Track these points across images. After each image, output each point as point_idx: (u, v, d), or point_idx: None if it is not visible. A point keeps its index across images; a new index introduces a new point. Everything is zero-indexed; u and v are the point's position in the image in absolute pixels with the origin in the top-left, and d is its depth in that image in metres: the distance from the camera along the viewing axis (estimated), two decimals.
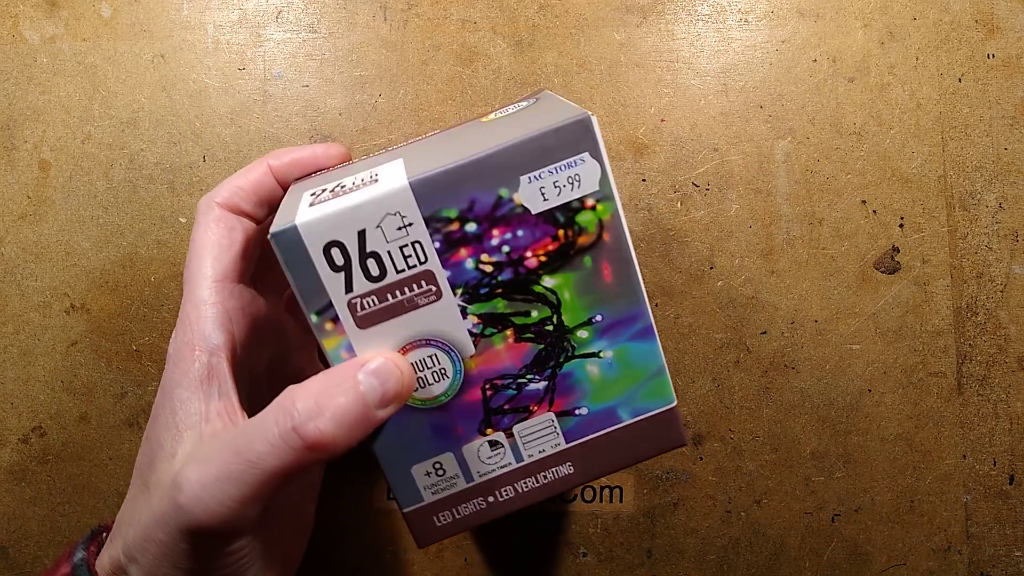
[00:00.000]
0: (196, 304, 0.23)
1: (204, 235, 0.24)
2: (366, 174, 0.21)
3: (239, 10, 0.34)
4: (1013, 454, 0.33)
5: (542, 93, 0.24)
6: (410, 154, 0.22)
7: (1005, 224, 0.33)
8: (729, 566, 0.33)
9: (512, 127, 0.20)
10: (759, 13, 0.34)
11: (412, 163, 0.20)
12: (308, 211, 0.19)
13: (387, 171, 0.20)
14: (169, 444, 0.22)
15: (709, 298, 0.33)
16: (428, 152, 0.21)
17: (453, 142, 0.21)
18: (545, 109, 0.21)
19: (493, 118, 0.23)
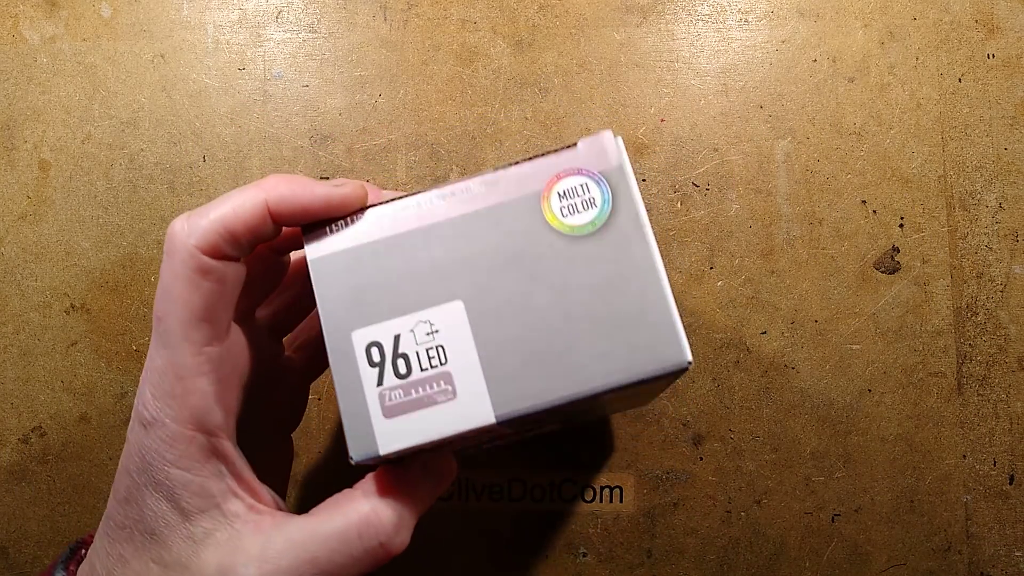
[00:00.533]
0: (181, 374, 0.20)
1: (184, 291, 0.20)
2: (425, 336, 0.21)
3: (239, 10, 0.34)
4: (1013, 454, 0.33)
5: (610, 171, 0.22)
6: (472, 300, 0.21)
7: (1005, 224, 0.33)
8: (729, 566, 0.33)
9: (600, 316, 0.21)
10: (759, 13, 0.34)
11: (485, 345, 0.21)
12: (384, 425, 0.21)
13: (454, 346, 0.21)
14: (178, 522, 0.20)
15: (709, 298, 0.33)
16: (500, 324, 0.21)
17: (530, 313, 0.21)
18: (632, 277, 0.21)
19: (561, 225, 0.22)
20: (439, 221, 0.21)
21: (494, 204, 0.21)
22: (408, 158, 0.34)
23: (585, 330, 0.21)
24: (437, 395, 0.21)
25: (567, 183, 0.21)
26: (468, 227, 0.21)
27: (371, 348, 0.21)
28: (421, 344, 0.21)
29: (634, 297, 0.21)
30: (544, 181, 0.21)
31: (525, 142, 0.34)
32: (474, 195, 0.21)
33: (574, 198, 0.21)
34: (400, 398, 0.21)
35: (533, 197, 0.21)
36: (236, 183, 0.33)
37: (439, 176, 0.34)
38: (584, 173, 0.22)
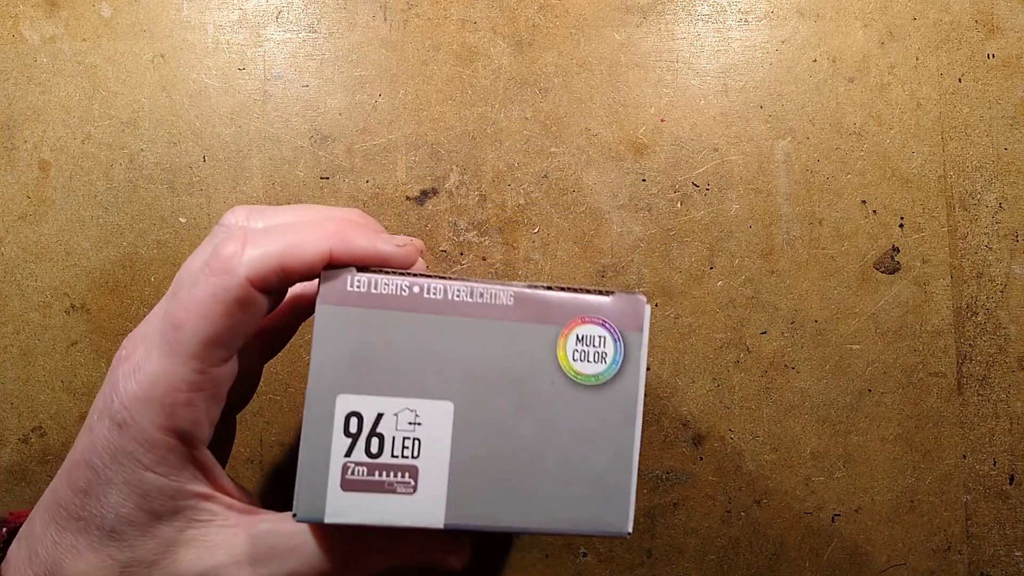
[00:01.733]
0: (178, 387, 0.19)
1: (218, 314, 0.19)
2: (407, 424, 0.21)
3: (239, 10, 0.34)
4: (1013, 454, 0.33)
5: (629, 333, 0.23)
6: (462, 407, 0.21)
7: (1005, 224, 0.33)
8: (729, 566, 0.33)
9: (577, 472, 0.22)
10: (759, 13, 0.34)
11: (459, 454, 0.21)
12: (338, 495, 0.21)
13: (431, 444, 0.21)
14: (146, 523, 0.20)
15: (709, 298, 0.33)
16: (479, 462, 0.21)
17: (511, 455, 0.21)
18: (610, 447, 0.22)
19: (569, 368, 0.22)
20: (460, 317, 0.21)
21: (516, 321, 0.22)
22: (408, 158, 0.34)
23: (552, 473, 0.21)
24: (398, 485, 0.21)
25: (588, 329, 0.22)
26: (485, 334, 0.21)
27: (351, 417, 0.21)
28: (400, 431, 0.21)
29: (603, 459, 0.22)
30: (568, 318, 0.22)
31: (525, 142, 0.34)
32: (502, 306, 0.22)
33: (589, 346, 0.22)
34: (362, 475, 0.21)
35: (553, 330, 0.22)
36: (236, 183, 0.34)
37: (439, 176, 0.34)
38: (607, 327, 0.22)
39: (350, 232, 0.21)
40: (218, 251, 0.20)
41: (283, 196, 0.34)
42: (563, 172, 0.34)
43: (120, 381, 0.20)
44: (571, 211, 0.34)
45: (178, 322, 0.19)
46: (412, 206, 0.34)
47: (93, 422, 0.20)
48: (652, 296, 0.33)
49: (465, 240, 0.34)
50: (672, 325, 0.33)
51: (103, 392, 0.20)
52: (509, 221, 0.34)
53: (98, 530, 0.20)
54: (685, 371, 0.33)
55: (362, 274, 0.21)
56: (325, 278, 0.21)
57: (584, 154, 0.34)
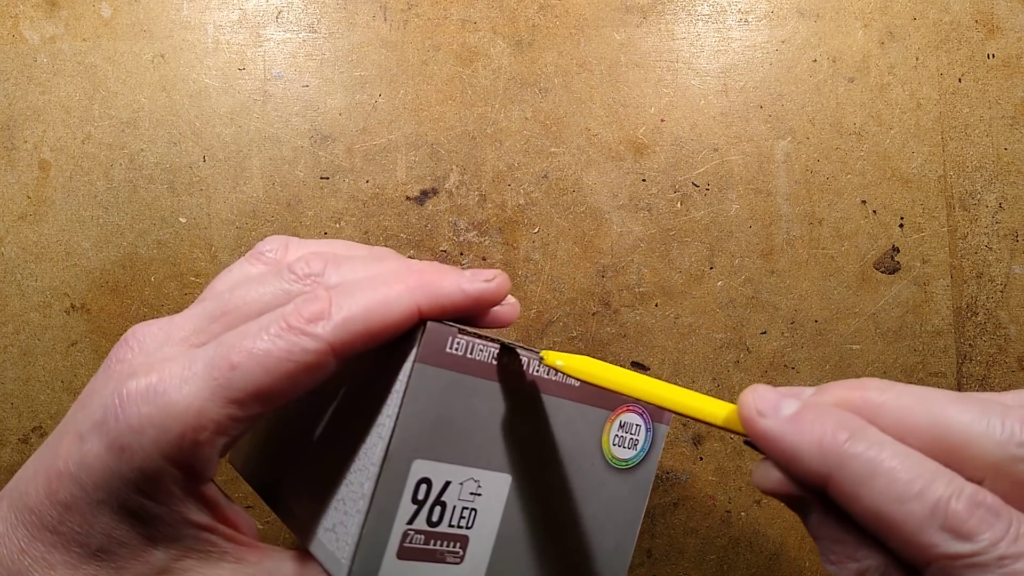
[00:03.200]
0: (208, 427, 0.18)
1: (286, 373, 0.18)
2: (469, 495, 0.21)
3: (239, 10, 0.34)
4: None
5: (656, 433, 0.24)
6: (518, 480, 0.21)
7: (1005, 224, 0.33)
8: (729, 566, 0.33)
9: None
10: (759, 13, 0.34)
11: (506, 526, 0.21)
12: (392, 563, 0.20)
13: (485, 515, 0.21)
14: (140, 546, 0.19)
15: (709, 298, 0.33)
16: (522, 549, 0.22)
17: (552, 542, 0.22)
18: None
19: (608, 451, 0.23)
20: (534, 391, 0.21)
21: (579, 401, 0.22)
22: (408, 158, 0.34)
23: (574, 546, 0.22)
24: (448, 555, 0.20)
25: (630, 418, 0.23)
26: (551, 412, 0.22)
27: (421, 484, 0.20)
28: (462, 500, 0.20)
29: (614, 536, 0.23)
30: (617, 404, 0.23)
31: (525, 142, 0.34)
32: (570, 385, 0.22)
33: (627, 433, 0.23)
34: (419, 543, 0.20)
35: (604, 415, 0.23)
36: (236, 183, 0.33)
37: (439, 176, 0.34)
38: (644, 417, 0.23)
39: (435, 279, 0.19)
40: (302, 309, 0.18)
41: (283, 196, 0.34)
42: (563, 172, 0.34)
43: (133, 399, 0.18)
44: (571, 211, 0.34)
45: (236, 363, 0.18)
46: (412, 206, 0.34)
47: (85, 431, 0.18)
48: (652, 296, 0.33)
49: (465, 240, 0.34)
50: (672, 325, 0.33)
51: (101, 399, 0.18)
52: (509, 221, 0.34)
53: (80, 548, 0.18)
54: (685, 371, 0.33)
55: (463, 337, 0.20)
56: (428, 335, 0.19)
57: (584, 154, 0.34)
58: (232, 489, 0.33)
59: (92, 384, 0.19)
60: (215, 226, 0.33)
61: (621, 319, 0.33)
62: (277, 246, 0.22)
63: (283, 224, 0.33)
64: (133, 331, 0.20)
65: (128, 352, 0.19)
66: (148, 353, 0.19)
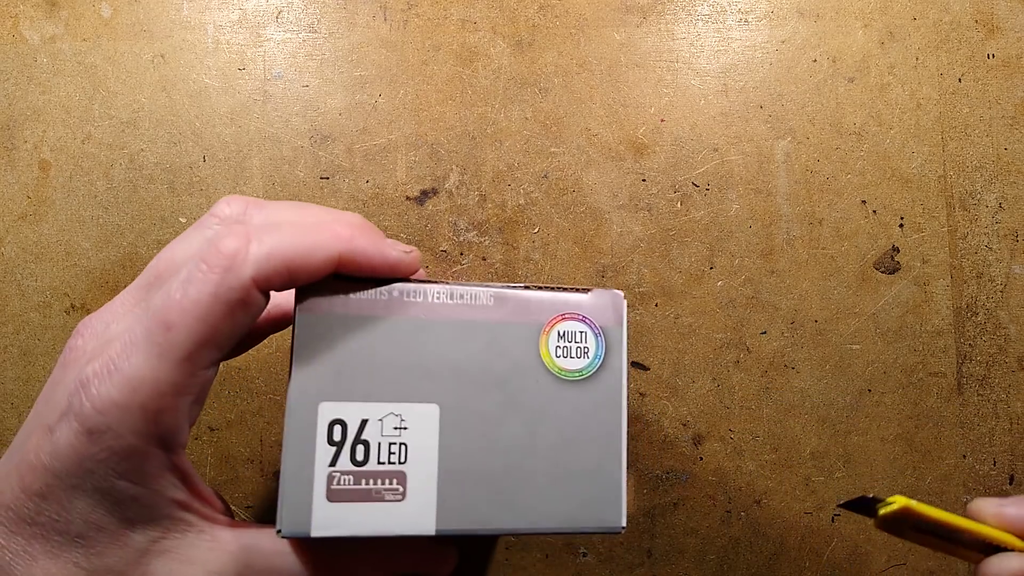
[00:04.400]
0: (164, 391, 0.18)
1: (217, 315, 0.18)
2: (392, 429, 0.21)
3: (239, 10, 0.34)
4: (1013, 454, 0.33)
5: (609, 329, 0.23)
6: (448, 409, 0.21)
7: (1005, 224, 0.33)
8: (729, 566, 0.33)
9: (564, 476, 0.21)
10: (759, 13, 0.34)
11: (447, 456, 0.21)
12: (324, 507, 0.20)
13: (418, 449, 0.21)
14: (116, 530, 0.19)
15: (709, 298, 0.33)
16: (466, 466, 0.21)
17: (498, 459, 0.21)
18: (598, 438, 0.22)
19: (552, 364, 0.22)
20: (441, 320, 0.21)
21: (497, 321, 0.21)
22: (408, 158, 0.34)
23: (541, 470, 0.21)
24: (386, 492, 0.20)
25: (569, 326, 0.22)
26: (466, 335, 0.21)
27: (335, 425, 0.20)
28: (386, 436, 0.20)
29: (593, 454, 0.21)
30: (548, 316, 0.22)
31: (525, 142, 0.34)
32: (482, 306, 0.21)
33: (571, 342, 0.22)
34: (348, 484, 0.20)
35: (535, 327, 0.22)
36: (236, 183, 0.34)
37: (439, 176, 0.34)
38: (587, 322, 0.22)
39: (359, 236, 0.20)
40: (219, 245, 0.18)
41: (283, 196, 0.34)
42: (563, 172, 0.34)
43: (92, 382, 0.18)
44: (571, 211, 0.34)
45: (169, 322, 0.18)
46: (412, 206, 0.34)
47: (52, 423, 0.18)
48: (652, 296, 0.33)
49: (465, 240, 0.34)
50: (672, 325, 0.33)
51: (64, 388, 0.18)
52: (509, 221, 0.34)
53: (60, 535, 0.18)
54: (685, 371, 0.33)
55: (341, 282, 0.20)
56: (302, 289, 0.20)
57: (584, 154, 0.34)
58: (230, 490, 0.33)
59: (51, 379, 0.20)
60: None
61: None
62: (237, 207, 0.22)
63: None
64: (83, 322, 0.20)
65: (79, 340, 0.19)
66: (98, 336, 0.19)
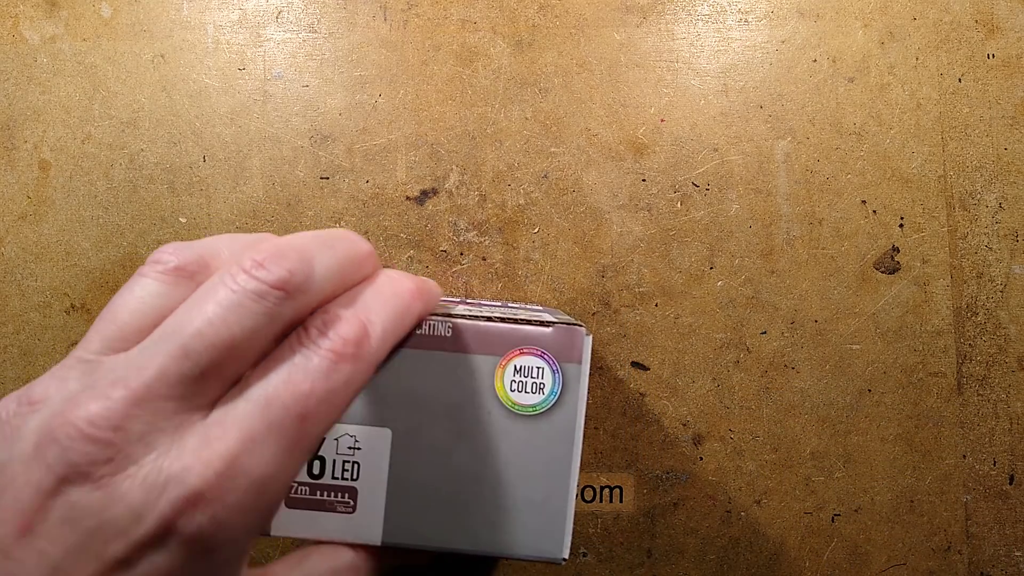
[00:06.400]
0: (288, 485, 0.17)
1: (348, 402, 0.18)
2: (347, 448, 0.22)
3: (239, 10, 0.34)
4: (1013, 454, 0.33)
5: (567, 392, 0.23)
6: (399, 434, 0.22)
7: (1005, 224, 0.33)
8: (729, 566, 0.33)
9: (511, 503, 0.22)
10: (759, 13, 0.34)
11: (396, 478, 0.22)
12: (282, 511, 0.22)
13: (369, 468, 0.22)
14: None
15: (709, 298, 0.33)
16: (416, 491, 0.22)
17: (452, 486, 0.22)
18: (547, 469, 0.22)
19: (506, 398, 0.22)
20: (401, 348, 0.22)
21: (454, 351, 0.22)
22: (408, 158, 0.34)
23: (488, 497, 0.22)
24: (338, 504, 0.22)
25: (526, 361, 0.22)
26: (422, 365, 0.22)
27: None
28: (340, 455, 0.22)
29: (541, 486, 0.22)
30: (506, 349, 0.22)
31: (525, 142, 0.34)
32: (439, 337, 0.22)
33: (527, 377, 0.22)
34: (305, 494, 0.22)
35: (491, 361, 0.22)
36: (236, 183, 0.33)
37: (439, 176, 0.34)
38: (546, 358, 0.22)
39: (428, 287, 0.21)
40: (342, 332, 0.17)
41: (283, 196, 0.34)
42: (563, 172, 0.34)
43: (207, 493, 0.14)
44: (571, 211, 0.34)
45: (306, 412, 0.16)
46: (412, 206, 0.34)
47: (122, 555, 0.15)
48: (652, 296, 0.33)
49: (465, 240, 0.34)
50: (672, 325, 0.33)
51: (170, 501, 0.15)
52: (509, 221, 0.34)
53: None
54: (685, 371, 0.33)
55: None
56: None
57: (584, 154, 0.34)
58: None
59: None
60: (215, 226, 0.33)
61: (621, 319, 0.33)
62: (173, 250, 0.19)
63: (283, 224, 0.33)
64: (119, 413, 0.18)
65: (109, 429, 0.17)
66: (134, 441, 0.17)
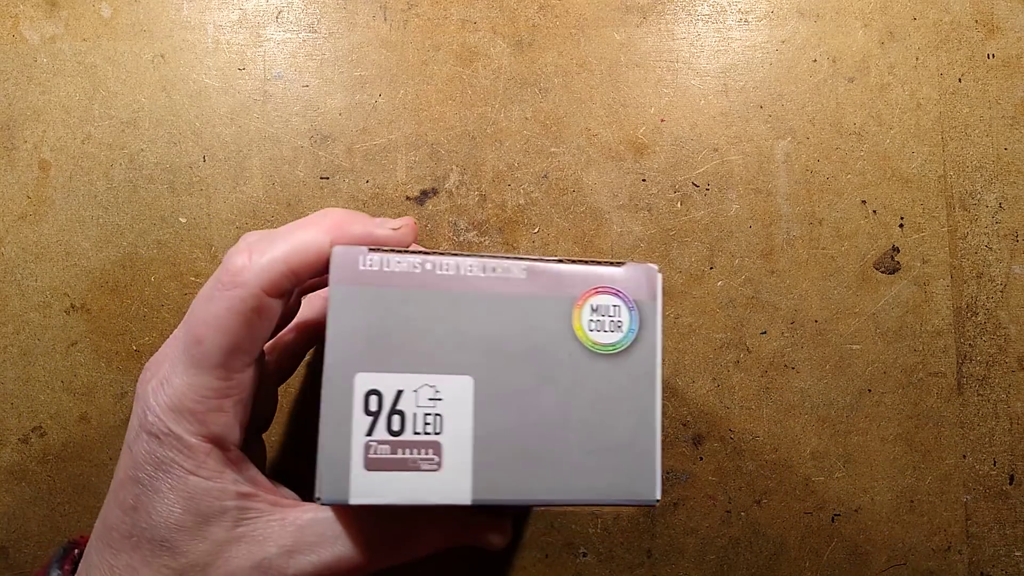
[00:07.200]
0: (206, 395, 0.21)
1: (236, 325, 0.20)
2: (427, 400, 0.21)
3: (239, 10, 0.34)
4: (1013, 454, 0.33)
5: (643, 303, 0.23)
6: (482, 381, 0.21)
7: (1005, 224, 0.33)
8: (729, 566, 0.33)
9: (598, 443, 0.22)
10: (759, 13, 0.34)
11: (482, 427, 0.21)
12: (362, 475, 0.20)
13: (453, 419, 0.21)
14: (195, 527, 0.21)
15: (709, 298, 0.33)
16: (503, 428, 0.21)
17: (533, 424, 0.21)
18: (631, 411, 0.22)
19: (586, 338, 0.22)
20: (473, 292, 0.21)
21: (530, 294, 0.21)
22: (408, 158, 0.34)
23: (576, 442, 0.21)
24: (422, 462, 0.21)
25: (602, 300, 0.22)
26: (500, 308, 0.21)
27: (371, 395, 0.20)
28: (421, 407, 0.21)
29: (628, 427, 0.21)
30: (582, 289, 0.22)
31: (525, 142, 0.34)
32: (515, 279, 0.21)
33: (604, 316, 0.22)
34: (385, 454, 0.20)
35: (567, 301, 0.22)
36: (236, 183, 0.34)
37: (439, 176, 0.34)
38: (621, 296, 0.22)
39: (347, 223, 0.21)
40: (227, 265, 0.21)
41: (283, 196, 0.34)
42: (563, 172, 0.34)
43: (151, 396, 0.21)
44: (571, 211, 0.34)
45: (198, 336, 0.20)
46: (412, 206, 0.34)
47: (131, 441, 0.21)
48: None
49: (465, 240, 0.34)
50: (672, 325, 0.33)
51: (135, 413, 0.22)
52: (509, 221, 0.34)
53: (149, 543, 0.21)
54: (685, 371, 0.33)
55: (374, 253, 0.21)
56: (336, 258, 0.21)
57: (584, 154, 0.34)
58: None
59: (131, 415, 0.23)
60: (215, 226, 0.33)
61: None
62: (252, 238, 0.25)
63: (283, 224, 0.33)
64: (148, 362, 0.23)
65: (145, 373, 0.23)
66: (157, 365, 0.22)
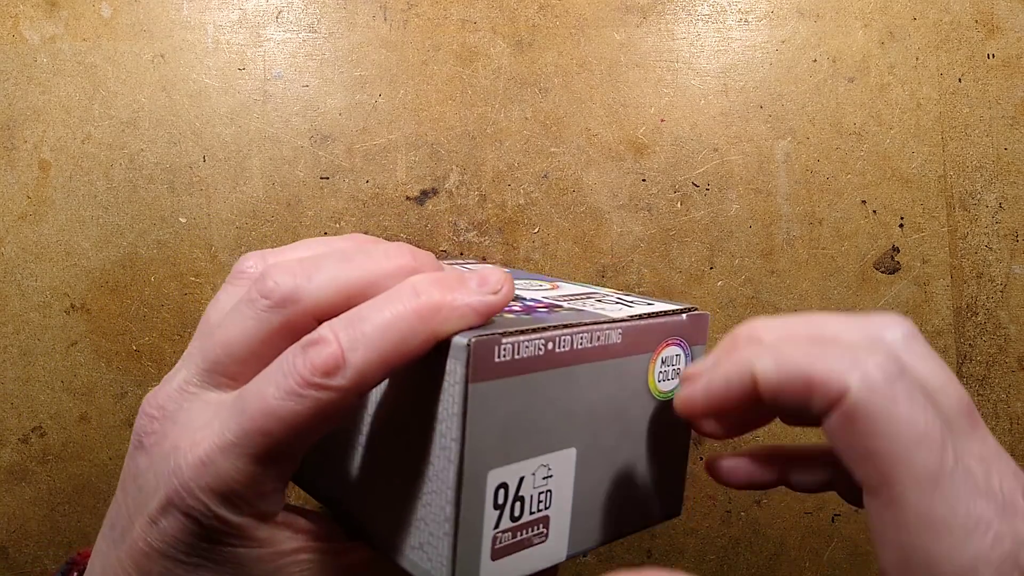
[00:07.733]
0: (262, 489, 0.18)
1: (322, 428, 0.18)
2: (541, 480, 0.21)
3: (239, 10, 0.34)
4: (1013, 454, 0.33)
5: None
6: (582, 449, 0.21)
7: (1005, 224, 0.33)
8: (729, 566, 0.33)
9: None
10: (759, 13, 0.34)
11: (579, 492, 0.21)
12: (488, 566, 0.20)
13: (558, 491, 0.21)
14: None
15: (709, 298, 0.33)
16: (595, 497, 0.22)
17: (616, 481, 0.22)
18: None
19: (655, 389, 0.23)
20: (583, 364, 0.21)
21: (624, 356, 0.22)
22: (408, 158, 0.34)
23: (639, 482, 0.23)
24: (534, 538, 0.21)
25: (670, 351, 0.23)
26: (600, 375, 0.21)
27: (499, 489, 0.20)
28: (536, 488, 0.21)
29: (670, 457, 0.23)
30: (657, 343, 0.22)
31: (525, 142, 0.34)
32: (613, 344, 0.22)
33: (670, 366, 0.23)
34: (508, 540, 0.20)
35: (647, 357, 0.22)
36: (236, 183, 0.33)
37: (439, 176, 0.34)
38: (682, 346, 0.23)
39: (445, 301, 0.18)
40: (312, 355, 0.17)
41: (283, 196, 0.34)
42: (563, 172, 0.34)
43: (187, 475, 0.18)
44: (571, 211, 0.34)
45: (265, 429, 0.18)
46: (412, 206, 0.34)
47: (155, 514, 0.18)
48: (652, 296, 0.33)
49: (465, 240, 0.34)
50: None
51: (159, 478, 0.18)
52: (509, 221, 0.34)
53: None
54: None
55: (506, 339, 0.19)
56: (474, 356, 0.18)
57: (584, 154, 0.34)
58: None
59: (135, 464, 0.20)
60: (215, 226, 0.33)
61: None
62: (255, 262, 0.21)
63: (283, 224, 0.33)
64: (147, 401, 0.20)
65: (153, 423, 0.20)
66: (175, 420, 0.19)
